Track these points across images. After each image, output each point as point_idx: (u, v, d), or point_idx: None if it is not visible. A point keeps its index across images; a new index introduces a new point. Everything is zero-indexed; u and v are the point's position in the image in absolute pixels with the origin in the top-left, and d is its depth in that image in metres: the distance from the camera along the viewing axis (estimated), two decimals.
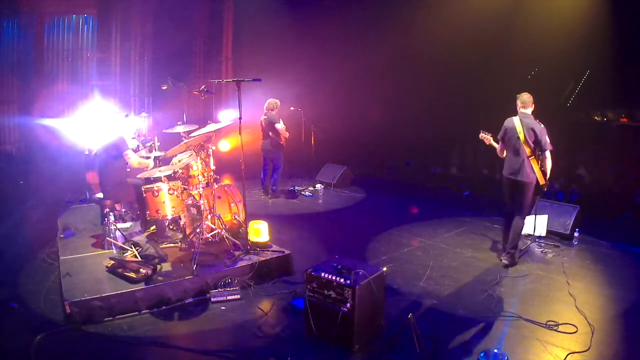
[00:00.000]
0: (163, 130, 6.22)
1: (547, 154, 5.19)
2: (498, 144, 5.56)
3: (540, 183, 5.27)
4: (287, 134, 8.36)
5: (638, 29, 7.97)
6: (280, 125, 8.17)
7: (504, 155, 5.50)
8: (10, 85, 9.56)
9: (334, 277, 3.56)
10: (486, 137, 5.72)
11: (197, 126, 5.98)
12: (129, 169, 5.69)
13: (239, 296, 4.41)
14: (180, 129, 5.86)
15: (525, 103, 5.32)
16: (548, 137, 5.18)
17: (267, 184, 8.76)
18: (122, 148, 5.34)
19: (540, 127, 5.18)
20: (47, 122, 9.29)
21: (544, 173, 5.25)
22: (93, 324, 3.88)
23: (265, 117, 8.31)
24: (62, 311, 3.93)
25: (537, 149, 5.21)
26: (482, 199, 8.84)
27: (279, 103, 8.33)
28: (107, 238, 5.15)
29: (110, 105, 9.28)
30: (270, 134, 8.29)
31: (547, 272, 5.21)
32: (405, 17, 10.37)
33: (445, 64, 10.00)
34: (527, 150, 5.18)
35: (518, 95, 5.40)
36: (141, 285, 4.23)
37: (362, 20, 11.34)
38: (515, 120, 5.29)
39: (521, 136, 5.19)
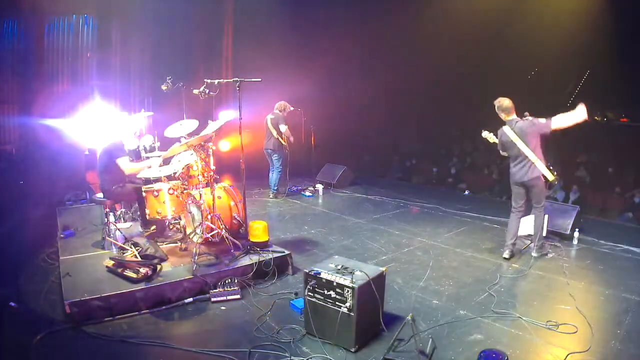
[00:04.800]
0: (164, 133, 6.21)
1: (554, 123, 5.07)
2: (495, 141, 5.60)
3: (550, 179, 5.25)
4: (291, 138, 8.48)
5: (638, 29, 7.98)
6: (284, 128, 8.27)
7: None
8: (10, 85, 9.55)
9: (334, 277, 3.56)
10: (489, 136, 5.71)
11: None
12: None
13: (239, 296, 4.42)
14: (180, 129, 5.84)
15: (509, 110, 5.25)
16: (541, 121, 5.12)
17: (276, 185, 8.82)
18: (117, 154, 5.33)
19: (532, 125, 5.13)
20: (47, 122, 9.28)
21: (549, 168, 5.22)
22: (93, 324, 3.88)
23: (272, 116, 8.42)
24: (62, 311, 3.93)
25: (543, 138, 5.17)
26: (482, 199, 8.85)
27: (288, 106, 8.54)
28: (107, 238, 5.15)
29: (110, 106, 9.29)
30: (274, 134, 8.36)
31: (547, 272, 5.21)
32: (407, 18, 10.38)
33: (445, 64, 10.03)
34: (530, 154, 5.17)
35: (498, 104, 5.28)
36: (141, 285, 4.23)
37: (362, 21, 11.36)
38: (507, 131, 5.25)
39: (519, 144, 5.17)
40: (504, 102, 5.29)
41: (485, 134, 5.78)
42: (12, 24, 9.36)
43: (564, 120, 5.08)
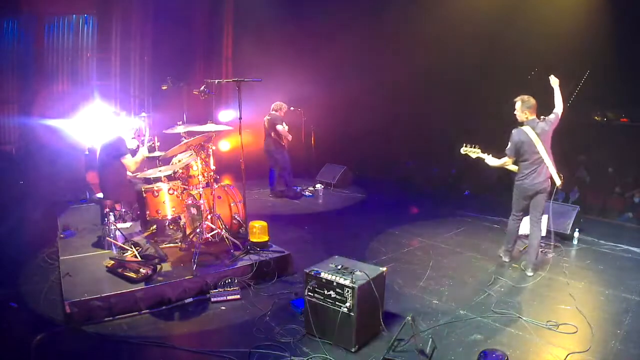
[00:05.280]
0: (163, 131, 6.22)
1: (559, 110, 4.96)
2: (486, 154, 5.19)
3: (557, 184, 4.97)
4: (289, 137, 8.45)
5: (638, 29, 7.97)
6: (281, 127, 8.25)
7: (503, 165, 5.11)
8: (10, 85, 9.55)
9: (334, 277, 3.56)
10: (471, 151, 5.22)
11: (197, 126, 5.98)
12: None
13: (239, 296, 4.42)
14: (180, 129, 5.85)
15: (534, 109, 4.87)
16: (552, 117, 4.93)
17: (276, 184, 8.80)
18: (121, 151, 5.33)
19: (549, 123, 4.87)
20: (47, 122, 9.29)
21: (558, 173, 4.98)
22: (93, 324, 3.88)
23: (269, 117, 8.41)
24: (62, 311, 3.93)
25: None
26: (482, 199, 8.84)
27: (285, 106, 8.48)
28: (107, 238, 5.15)
29: (109, 106, 9.29)
30: (272, 134, 8.36)
31: (547, 272, 5.21)
32: (406, 17, 10.37)
33: (445, 64, 10.00)
34: (546, 157, 4.86)
35: (523, 101, 4.88)
36: (141, 285, 4.23)
37: (362, 20, 11.34)
38: (528, 131, 4.82)
39: (539, 147, 4.80)
40: (531, 99, 4.85)
41: (466, 149, 5.25)
42: (12, 24, 9.36)
43: (559, 100, 5.00)
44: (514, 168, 5.16)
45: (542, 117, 4.94)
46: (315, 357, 3.48)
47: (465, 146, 5.29)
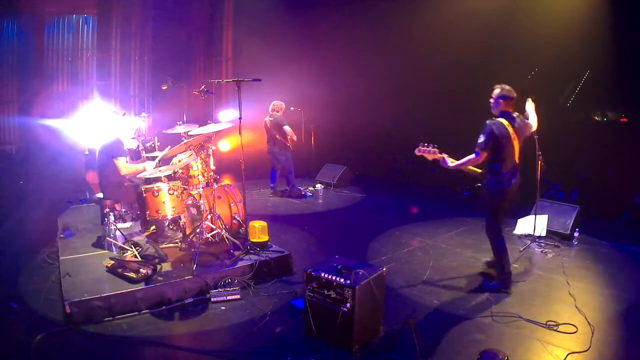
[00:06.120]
0: (163, 131, 6.23)
1: (535, 125, 4.76)
2: (442, 154, 4.52)
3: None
4: (294, 137, 8.39)
5: (638, 29, 7.97)
6: (288, 128, 8.21)
7: (467, 165, 4.50)
8: (10, 85, 9.57)
9: (334, 277, 3.56)
10: (429, 150, 4.51)
11: (197, 126, 5.99)
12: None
13: (239, 296, 4.42)
14: (180, 129, 5.86)
15: (512, 103, 4.44)
16: (527, 122, 4.68)
17: (277, 185, 8.79)
18: (115, 153, 5.32)
19: (526, 125, 4.63)
20: (47, 122, 9.30)
21: None
22: (93, 324, 3.88)
23: (271, 118, 8.32)
24: (62, 311, 3.93)
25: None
26: (482, 199, 8.84)
27: (284, 105, 8.41)
28: (107, 238, 5.16)
29: (109, 105, 9.31)
30: (277, 136, 8.28)
31: (547, 272, 5.21)
32: (406, 17, 10.38)
33: (445, 64, 10.01)
34: (517, 156, 4.50)
35: (503, 90, 4.44)
36: (141, 285, 4.23)
37: (362, 20, 11.36)
38: (505, 124, 4.37)
39: (515, 143, 4.42)
40: (512, 92, 4.44)
41: (423, 149, 4.51)
42: (12, 24, 9.38)
43: (534, 119, 4.83)
44: (476, 170, 4.64)
45: (516, 113, 4.58)
46: (315, 357, 3.48)
47: (423, 145, 4.54)
